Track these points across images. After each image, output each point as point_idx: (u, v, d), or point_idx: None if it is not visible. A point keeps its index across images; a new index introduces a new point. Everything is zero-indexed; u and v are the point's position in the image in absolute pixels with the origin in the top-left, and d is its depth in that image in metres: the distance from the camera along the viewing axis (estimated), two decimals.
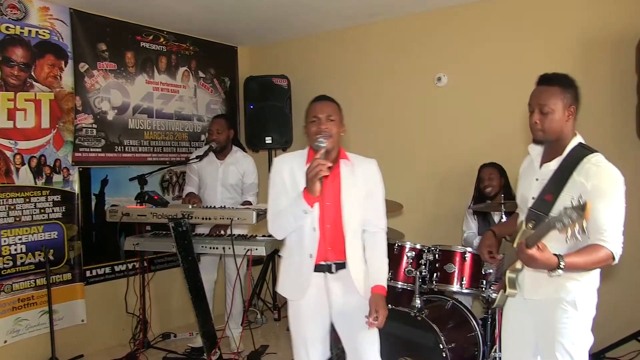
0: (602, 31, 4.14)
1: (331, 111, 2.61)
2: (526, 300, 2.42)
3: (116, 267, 4.81)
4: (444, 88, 4.91)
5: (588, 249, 2.15)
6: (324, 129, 2.54)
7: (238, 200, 4.53)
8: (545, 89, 2.35)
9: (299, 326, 2.68)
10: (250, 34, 5.64)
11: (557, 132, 2.34)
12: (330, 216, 2.58)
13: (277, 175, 2.65)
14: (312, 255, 2.56)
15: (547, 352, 2.34)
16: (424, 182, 5.03)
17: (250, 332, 4.38)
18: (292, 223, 2.55)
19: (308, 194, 2.45)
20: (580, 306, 2.28)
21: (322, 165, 2.38)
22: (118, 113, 4.83)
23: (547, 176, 2.36)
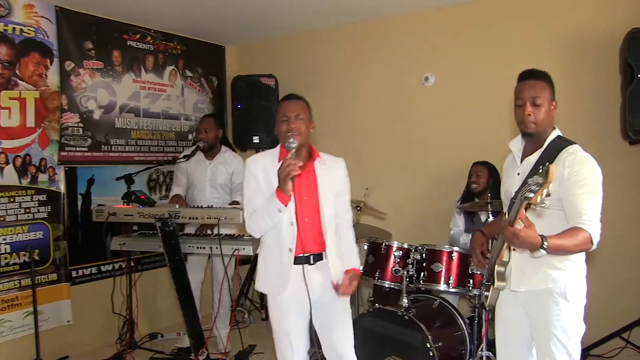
0: (587, 32, 4.19)
1: (299, 110, 2.72)
2: (517, 293, 2.45)
3: (103, 267, 4.78)
4: (431, 88, 4.93)
5: (568, 231, 2.20)
6: (293, 127, 2.65)
7: (227, 200, 4.51)
8: (536, 83, 2.43)
9: (281, 319, 2.74)
10: (238, 33, 5.63)
11: (544, 125, 2.42)
12: (308, 210, 2.71)
13: (251, 175, 2.74)
14: (292, 249, 2.66)
15: (542, 344, 2.38)
16: (411, 182, 5.05)
17: (239, 332, 4.36)
18: (267, 221, 2.64)
19: (281, 193, 2.54)
20: (571, 297, 2.33)
21: (293, 165, 2.47)
22: (105, 112, 4.80)
23: (528, 169, 2.41)
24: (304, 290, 2.65)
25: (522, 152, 2.53)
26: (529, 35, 4.44)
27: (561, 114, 4.33)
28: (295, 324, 2.72)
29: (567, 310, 2.33)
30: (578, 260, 2.38)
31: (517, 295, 2.47)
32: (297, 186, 2.63)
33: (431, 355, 3.29)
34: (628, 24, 3.77)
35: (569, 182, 2.25)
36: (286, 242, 2.67)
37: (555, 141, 2.41)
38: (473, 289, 3.68)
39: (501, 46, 4.57)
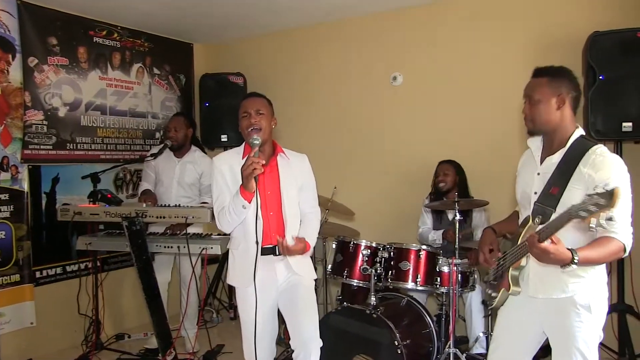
0: (552, 33, 4.28)
1: (260, 105, 2.82)
2: (531, 299, 2.38)
3: (68, 267, 4.70)
4: (399, 87, 4.98)
5: (599, 241, 2.10)
6: (254, 122, 2.76)
7: (194, 200, 4.48)
8: (534, 80, 2.41)
9: (248, 310, 2.80)
10: (206, 31, 5.59)
11: (547, 122, 2.35)
12: (272, 204, 2.85)
13: (218, 173, 2.84)
14: (259, 242, 2.72)
15: (562, 355, 2.30)
16: (379, 180, 5.09)
17: (206, 332, 4.34)
18: (234, 217, 2.74)
19: (244, 191, 2.63)
20: (595, 309, 2.25)
21: (256, 163, 2.54)
22: (70, 109, 4.72)
23: (550, 169, 2.33)
24: (271, 279, 2.84)
25: (542, 151, 2.43)
26: (496, 36, 4.52)
27: None
28: (262, 315, 2.76)
29: (589, 322, 2.24)
30: (599, 268, 2.30)
31: (533, 301, 2.38)
32: (261, 181, 2.73)
33: (399, 352, 3.32)
34: (590, 27, 3.85)
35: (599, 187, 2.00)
36: (253, 236, 2.73)
37: (579, 140, 2.31)
38: (440, 287, 3.73)
39: (468, 47, 4.64)
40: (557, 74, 2.37)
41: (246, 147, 2.87)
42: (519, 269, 2.39)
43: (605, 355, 4.05)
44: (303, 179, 2.95)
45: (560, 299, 2.29)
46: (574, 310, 2.25)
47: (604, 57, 3.74)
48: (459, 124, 4.68)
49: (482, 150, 4.55)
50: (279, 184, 2.86)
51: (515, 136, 4.44)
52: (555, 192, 2.26)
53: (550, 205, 2.25)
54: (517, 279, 2.39)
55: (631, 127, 3.67)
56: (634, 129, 3.67)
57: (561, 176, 2.26)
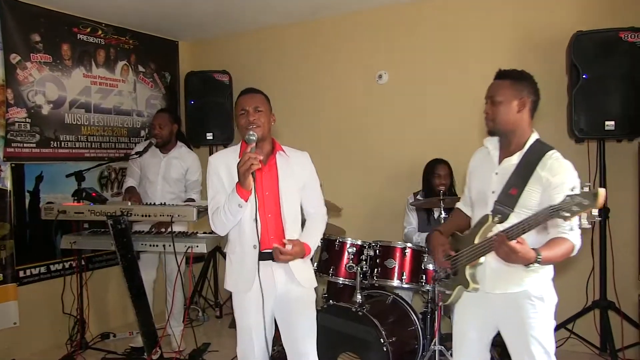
0: (536, 32, 4.33)
1: (258, 102, 2.67)
2: (487, 295, 2.45)
3: (52, 266, 4.66)
4: (384, 85, 5.00)
5: (556, 242, 2.20)
6: (253, 120, 2.61)
7: (180, 197, 4.46)
8: (497, 82, 2.47)
9: (244, 316, 2.69)
10: (192, 28, 5.57)
11: (507, 123, 2.42)
12: (271, 205, 2.66)
13: (214, 173, 2.69)
14: (256, 246, 2.59)
15: (520, 346, 2.39)
16: (365, 179, 5.10)
17: (192, 330, 4.33)
18: (230, 218, 2.57)
19: (241, 188, 2.48)
20: (547, 298, 2.37)
21: (253, 159, 2.41)
22: (54, 107, 4.67)
23: (508, 170, 2.40)
24: (270, 286, 2.64)
25: (500, 152, 2.51)
26: (482, 35, 4.55)
27: None
28: (258, 322, 2.66)
29: (543, 311, 2.35)
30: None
31: (487, 296, 2.46)
32: (259, 181, 2.56)
33: (385, 350, 3.34)
34: (574, 26, 3.89)
35: (553, 190, 2.23)
36: (250, 239, 2.61)
37: (535, 144, 2.41)
38: (426, 285, 3.75)
39: (453, 45, 4.67)
40: (520, 77, 2.45)
41: (243, 145, 2.68)
42: (475, 266, 2.46)
43: (588, 351, 4.12)
44: (305, 178, 2.78)
45: (515, 293, 2.38)
46: (529, 302, 2.36)
47: (588, 57, 3.79)
48: (444, 122, 4.70)
49: (467, 148, 4.55)
50: (277, 184, 2.68)
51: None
52: (514, 192, 2.35)
53: (509, 205, 2.34)
54: (474, 276, 2.46)
55: (613, 125, 3.72)
56: (616, 127, 3.72)
57: (520, 178, 2.35)
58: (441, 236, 2.71)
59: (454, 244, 2.61)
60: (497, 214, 2.35)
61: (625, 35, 3.69)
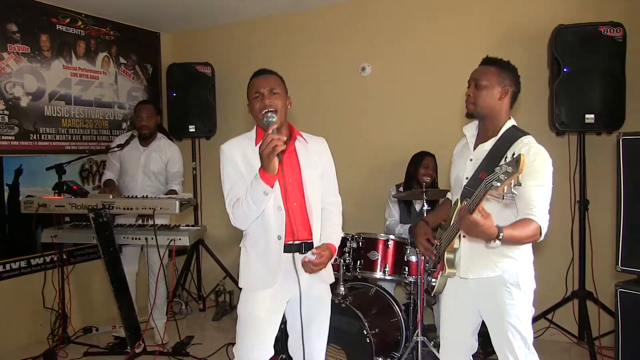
0: (518, 26, 4.36)
1: (274, 84, 2.48)
2: (466, 281, 2.48)
3: (33, 260, 4.60)
4: (368, 78, 5.00)
5: (520, 222, 2.23)
6: (269, 103, 2.40)
7: (160, 189, 4.44)
8: (483, 67, 2.51)
9: (256, 311, 2.44)
10: (174, 19, 5.51)
11: (488, 108, 2.45)
12: (295, 194, 2.45)
13: (229, 162, 2.44)
14: (281, 237, 2.40)
15: (498, 333, 2.42)
16: (348, 171, 5.09)
17: (175, 323, 4.32)
18: (253, 209, 2.33)
19: (265, 173, 2.25)
20: (523, 285, 2.38)
21: (277, 140, 2.17)
22: (33, 99, 4.61)
23: (481, 156, 2.45)
24: (290, 281, 2.40)
25: (476, 139, 2.56)
26: (464, 27, 4.57)
27: None
28: (269, 322, 2.46)
29: (520, 299, 2.38)
30: (526, 248, 2.44)
31: (466, 283, 2.49)
32: (281, 168, 2.29)
33: (368, 342, 3.36)
34: (555, 20, 3.93)
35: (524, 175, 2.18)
36: (274, 230, 2.40)
37: (510, 130, 2.44)
38: (409, 277, 3.77)
39: (436, 38, 4.69)
40: (505, 66, 2.50)
41: (258, 131, 2.49)
42: (452, 251, 2.49)
43: (567, 340, 4.19)
44: (323, 164, 2.61)
45: (490, 279, 2.41)
46: (505, 289, 2.38)
47: (568, 50, 3.83)
48: (427, 114, 4.73)
49: (450, 140, 4.58)
50: (300, 172, 2.47)
51: None
52: (484, 176, 2.29)
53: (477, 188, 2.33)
54: (452, 261, 2.49)
55: (593, 119, 3.77)
56: (596, 121, 3.77)
57: (490, 162, 2.36)
58: (425, 225, 2.73)
59: (441, 234, 2.63)
60: (466, 197, 2.35)
61: (605, 29, 3.73)
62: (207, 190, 5.65)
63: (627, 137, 2.99)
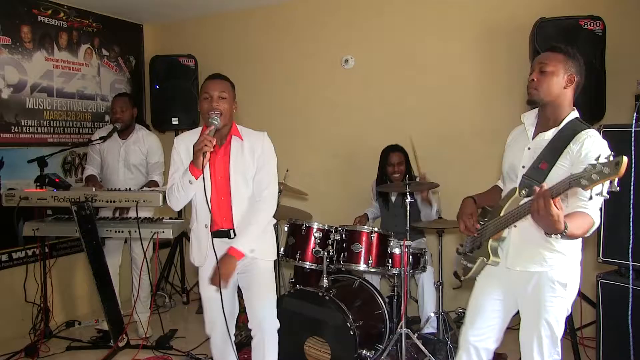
0: (500, 19, 4.39)
1: (223, 88, 2.78)
2: (508, 271, 2.43)
3: (14, 254, 4.56)
4: (350, 70, 5.00)
5: (578, 216, 2.12)
6: (215, 106, 2.71)
7: (141, 181, 4.42)
8: (549, 53, 2.41)
9: (205, 291, 2.92)
10: (156, 11, 5.47)
11: (551, 95, 2.36)
12: (223, 189, 2.84)
13: (175, 152, 2.87)
14: (207, 226, 2.83)
15: (531, 327, 2.38)
16: (331, 163, 5.12)
17: (159, 317, 4.31)
18: (182, 194, 2.77)
19: (192, 166, 2.66)
20: (570, 286, 2.34)
21: (208, 141, 2.57)
22: (14, 91, 4.56)
23: (541, 145, 2.36)
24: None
25: (535, 127, 2.47)
26: (448, 20, 4.59)
27: (479, 95, 4.52)
28: (215, 295, 2.82)
29: (562, 298, 2.33)
30: (576, 245, 2.38)
31: (509, 272, 2.44)
32: (213, 166, 2.79)
33: (352, 334, 3.37)
34: (536, 13, 3.95)
35: (579, 162, 2.15)
36: (202, 219, 2.84)
37: (573, 122, 2.35)
38: (392, 269, 3.79)
39: (419, 31, 4.70)
40: (573, 56, 2.39)
41: (204, 128, 2.77)
42: (499, 240, 2.44)
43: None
44: (258, 160, 2.86)
45: (537, 273, 2.36)
46: (550, 285, 2.33)
47: (550, 43, 3.84)
48: (409, 107, 4.74)
49: (432, 133, 4.63)
50: (229, 169, 2.83)
51: (464, 120, 4.54)
52: (544, 167, 2.30)
53: (537, 180, 2.29)
54: (497, 249, 2.44)
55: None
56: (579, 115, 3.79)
57: (552, 153, 2.30)
58: (472, 204, 2.65)
59: (482, 217, 2.58)
60: (524, 188, 2.31)
61: (585, 23, 3.76)
62: None
63: (607, 130, 3.03)
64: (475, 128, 4.48)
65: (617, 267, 3.06)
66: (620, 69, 3.91)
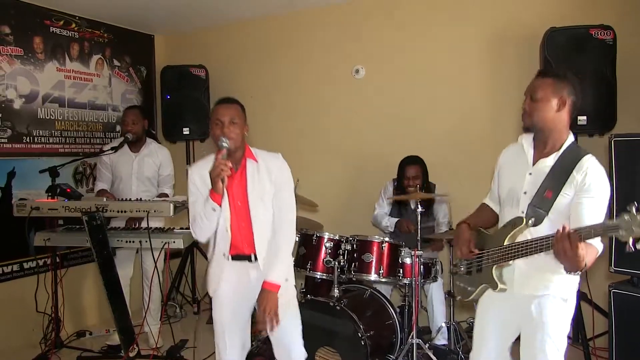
0: (510, 28, 4.38)
1: (234, 114, 2.73)
2: (513, 295, 2.43)
3: (25, 264, 4.59)
4: (361, 80, 5.01)
5: (589, 249, 2.11)
6: (227, 132, 2.67)
7: (154, 193, 4.43)
8: (538, 80, 2.41)
9: (219, 315, 2.82)
10: (167, 22, 5.51)
11: (545, 121, 2.36)
12: (243, 215, 2.75)
13: (191, 183, 2.78)
14: (225, 254, 2.76)
15: (534, 344, 2.37)
16: (342, 173, 5.12)
17: (170, 327, 4.30)
18: (206, 223, 2.69)
19: (213, 193, 2.60)
20: (570, 300, 2.36)
21: (224, 164, 2.53)
22: (26, 102, 4.60)
23: (543, 172, 2.36)
24: (245, 287, 2.79)
25: (534, 152, 2.46)
26: (458, 29, 4.59)
27: (489, 104, 4.51)
28: (231, 321, 2.79)
29: (564, 311, 2.36)
30: None
31: (512, 296, 2.44)
32: (230, 191, 2.71)
33: (363, 344, 3.36)
34: (546, 22, 3.95)
35: (583, 192, 2.22)
36: (221, 248, 2.76)
37: (572, 147, 2.36)
38: (403, 279, 3.78)
39: (431, 40, 4.70)
40: (562, 77, 2.39)
41: (217, 153, 2.70)
42: (504, 266, 2.43)
43: None
44: (275, 181, 2.77)
45: (540, 295, 2.37)
46: (551, 302, 2.35)
47: (560, 53, 3.84)
48: (420, 117, 4.74)
49: (442, 142, 4.62)
50: (247, 194, 2.74)
51: (474, 130, 4.53)
52: (549, 195, 2.31)
53: (544, 209, 2.31)
54: (501, 277, 2.43)
55: (585, 121, 3.78)
56: (588, 123, 3.78)
57: (555, 180, 2.31)
58: (468, 230, 2.64)
59: (478, 241, 2.57)
60: (531, 217, 2.32)
61: (596, 32, 3.75)
62: None
63: (618, 139, 3.02)
64: (486, 138, 4.47)
65: (629, 277, 3.04)
66: (631, 78, 3.90)
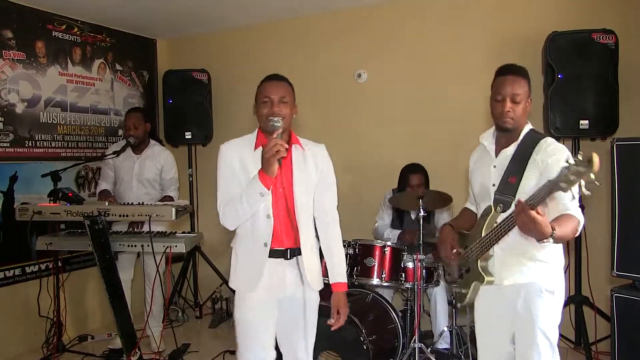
0: (513, 33, 4.38)
1: (284, 92, 2.51)
2: (500, 288, 2.46)
3: (27, 268, 4.58)
4: (364, 84, 5.01)
5: (563, 219, 2.16)
6: (277, 111, 2.43)
7: (155, 196, 4.43)
8: (516, 79, 2.44)
9: (248, 317, 2.50)
10: (170, 26, 5.52)
11: (521, 120, 2.45)
12: (284, 203, 2.45)
13: (225, 162, 2.49)
14: (267, 244, 2.44)
15: (527, 338, 2.40)
16: (344, 177, 5.08)
17: (172, 331, 4.30)
18: (246, 209, 2.39)
19: (264, 175, 2.30)
20: (557, 292, 2.39)
21: (280, 145, 2.24)
22: (28, 106, 4.60)
23: (505, 161, 2.45)
24: (278, 285, 2.49)
25: (496, 146, 2.56)
26: (460, 34, 4.60)
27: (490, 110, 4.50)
28: (263, 323, 2.50)
29: (553, 305, 2.38)
30: (557, 251, 2.43)
31: (501, 291, 2.47)
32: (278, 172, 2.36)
33: (365, 348, 3.36)
34: (549, 27, 3.95)
35: (548, 171, 2.24)
36: (261, 236, 2.44)
37: (529, 134, 2.46)
38: (405, 283, 3.78)
39: (430, 45, 4.71)
40: (527, 75, 2.48)
41: (259, 135, 2.52)
42: (486, 258, 2.46)
43: (563, 345, 4.18)
44: (320, 172, 2.58)
45: (525, 285, 2.40)
46: (539, 295, 2.37)
47: (562, 57, 3.85)
48: (422, 121, 4.74)
49: (444, 146, 4.62)
50: (292, 180, 2.48)
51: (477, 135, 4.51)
52: (513, 181, 2.39)
53: (509, 194, 2.38)
54: (487, 268, 2.46)
55: (587, 124, 3.79)
56: (590, 126, 3.79)
57: (517, 166, 2.39)
58: (451, 231, 2.68)
59: (461, 242, 2.62)
60: (499, 204, 2.39)
61: (598, 36, 3.77)
62: (203, 197, 5.63)
63: (620, 143, 3.02)
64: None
65: (631, 281, 3.04)
66: (633, 82, 3.91)
